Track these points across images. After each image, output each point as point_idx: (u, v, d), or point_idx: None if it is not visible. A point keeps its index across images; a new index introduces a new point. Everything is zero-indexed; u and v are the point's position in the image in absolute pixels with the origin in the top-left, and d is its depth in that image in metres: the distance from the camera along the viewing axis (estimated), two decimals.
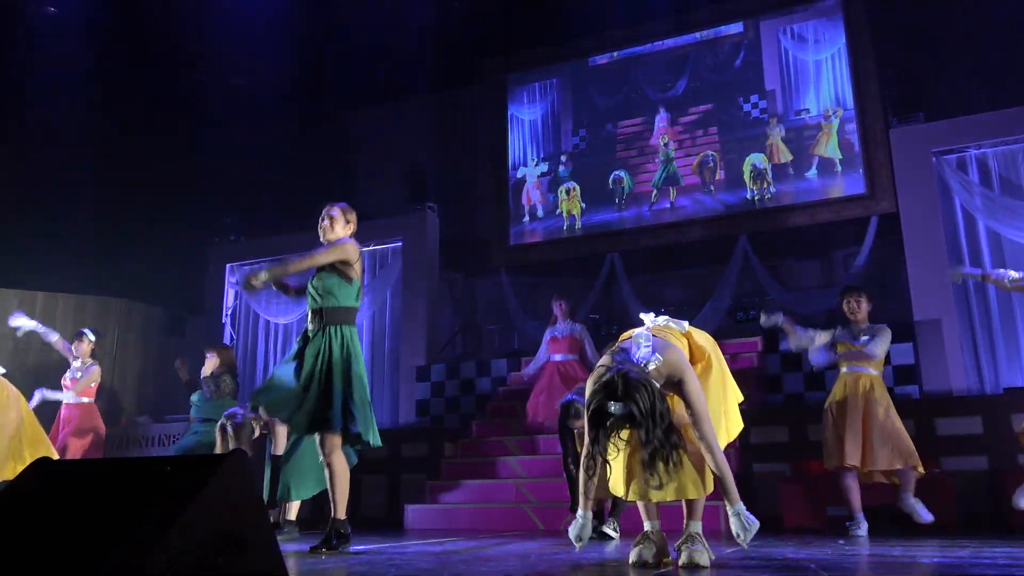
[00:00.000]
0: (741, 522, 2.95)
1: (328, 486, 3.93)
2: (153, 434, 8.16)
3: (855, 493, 4.94)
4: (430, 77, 10.57)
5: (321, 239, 4.23)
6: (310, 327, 4.04)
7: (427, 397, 8.67)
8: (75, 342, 7.10)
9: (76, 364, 7.04)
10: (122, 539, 1.70)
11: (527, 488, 6.24)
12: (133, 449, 8.05)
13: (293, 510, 5.72)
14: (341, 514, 3.90)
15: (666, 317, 3.27)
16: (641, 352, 2.95)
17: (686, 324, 3.28)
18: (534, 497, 6.14)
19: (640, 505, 3.18)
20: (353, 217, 4.30)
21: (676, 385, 2.99)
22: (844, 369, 5.16)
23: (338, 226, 4.22)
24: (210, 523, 1.79)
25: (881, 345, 5.09)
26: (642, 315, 3.28)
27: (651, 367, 2.88)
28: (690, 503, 3.10)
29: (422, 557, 3.59)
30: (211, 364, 6.71)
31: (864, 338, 5.11)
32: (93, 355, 7.13)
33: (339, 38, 10.22)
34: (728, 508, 3.01)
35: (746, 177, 9.11)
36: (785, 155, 8.99)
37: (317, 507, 6.67)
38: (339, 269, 4.08)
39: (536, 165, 10.33)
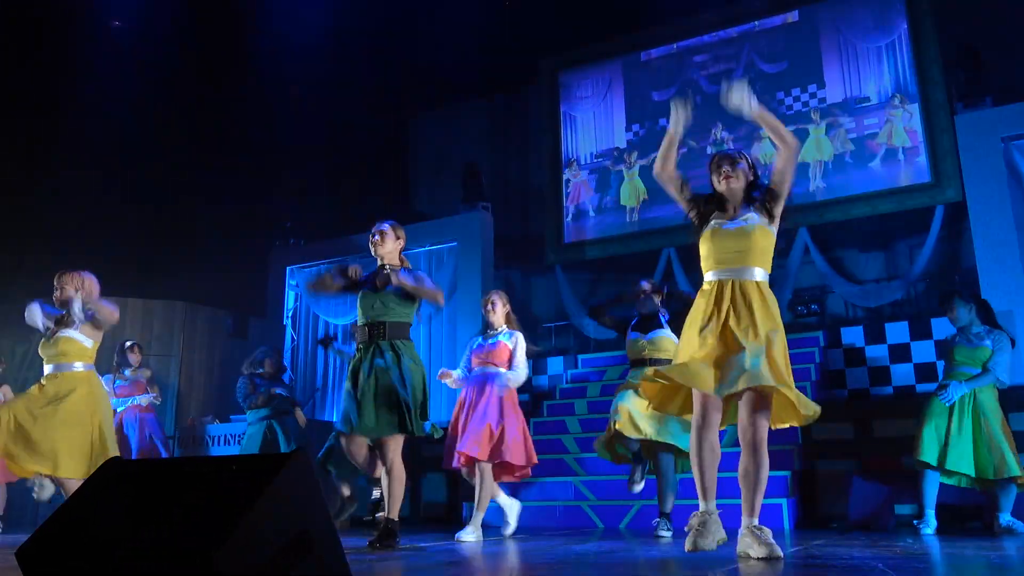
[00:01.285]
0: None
1: (386, 489, 4.04)
2: (218, 433, 8.37)
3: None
4: (484, 78, 10.62)
5: (373, 253, 4.33)
6: (361, 342, 4.14)
7: None
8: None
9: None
10: (190, 537, 1.75)
11: (586, 486, 6.22)
12: (199, 448, 8.27)
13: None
14: (395, 515, 4.02)
15: None
16: None
17: None
18: (593, 495, 6.12)
19: (697, 478, 3.07)
20: (402, 233, 4.42)
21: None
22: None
23: (388, 241, 4.32)
24: (276, 522, 1.83)
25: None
26: None
27: None
28: (751, 494, 2.97)
29: (479, 554, 3.61)
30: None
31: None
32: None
33: (395, 41, 10.33)
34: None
35: (811, 164, 8.94)
36: (827, 150, 8.80)
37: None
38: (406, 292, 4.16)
39: (590, 162, 10.30)
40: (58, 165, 9.09)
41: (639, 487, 4.87)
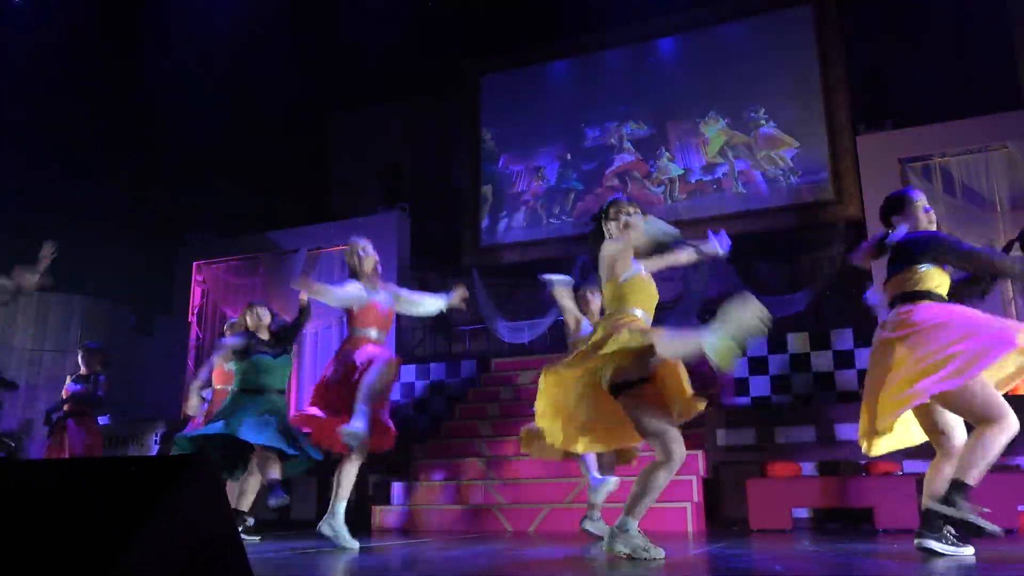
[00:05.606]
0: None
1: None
2: (121, 434, 8.06)
3: None
4: (406, 79, 10.55)
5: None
6: None
7: (396, 398, 8.64)
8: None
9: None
10: (92, 540, 1.68)
11: (496, 489, 6.24)
12: (99, 449, 7.93)
13: (247, 500, 5.16)
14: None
15: None
16: None
17: None
18: (503, 498, 6.14)
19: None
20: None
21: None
22: None
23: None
24: (181, 524, 1.77)
25: None
26: None
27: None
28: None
29: (389, 557, 3.58)
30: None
31: None
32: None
33: (317, 39, 10.15)
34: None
35: (715, 150, 9.20)
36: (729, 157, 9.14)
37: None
38: None
39: (510, 166, 10.35)
40: None
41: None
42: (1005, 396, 2.97)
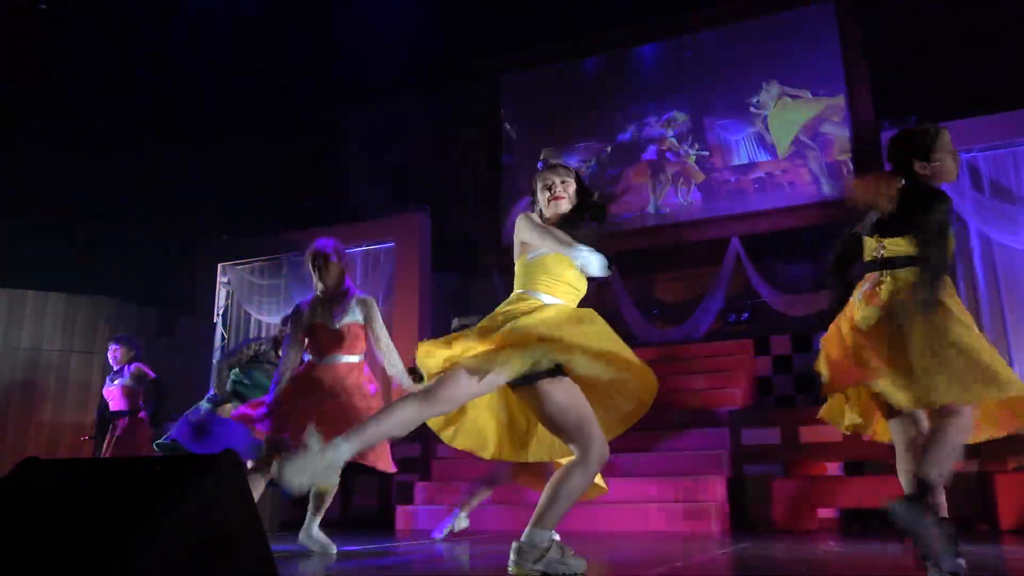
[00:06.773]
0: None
1: None
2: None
3: None
4: (424, 76, 10.56)
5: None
6: None
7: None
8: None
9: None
10: (110, 539, 1.69)
11: (519, 488, 6.22)
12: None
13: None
14: None
15: None
16: None
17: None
18: (527, 497, 6.13)
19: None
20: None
21: None
22: None
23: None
24: (200, 523, 1.78)
25: None
26: None
27: None
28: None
29: (412, 557, 3.58)
30: None
31: None
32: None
33: (333, 36, 10.20)
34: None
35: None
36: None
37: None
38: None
39: (531, 165, 10.34)
40: None
41: None
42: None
